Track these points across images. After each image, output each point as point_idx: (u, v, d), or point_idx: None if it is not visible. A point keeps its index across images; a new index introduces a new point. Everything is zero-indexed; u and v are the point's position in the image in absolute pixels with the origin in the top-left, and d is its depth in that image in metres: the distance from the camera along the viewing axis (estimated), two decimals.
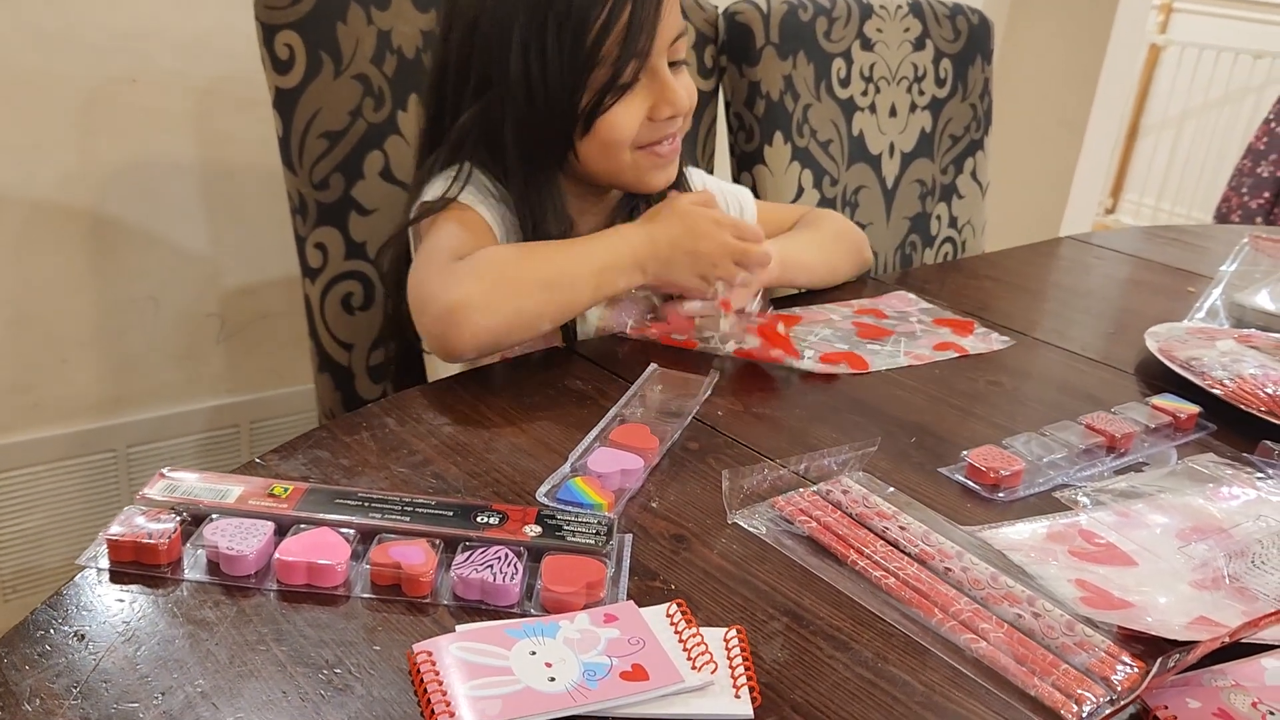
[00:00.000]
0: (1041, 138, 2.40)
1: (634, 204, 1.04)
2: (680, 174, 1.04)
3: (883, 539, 0.67)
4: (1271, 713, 0.53)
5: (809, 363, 0.93)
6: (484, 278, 0.84)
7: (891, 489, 0.73)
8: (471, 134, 0.95)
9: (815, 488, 0.72)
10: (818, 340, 1.01)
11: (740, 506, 0.70)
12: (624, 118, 0.92)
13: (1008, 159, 1.79)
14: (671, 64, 0.94)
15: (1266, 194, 3.67)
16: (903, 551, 0.65)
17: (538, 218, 0.95)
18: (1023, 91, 2.22)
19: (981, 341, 1.04)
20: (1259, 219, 3.70)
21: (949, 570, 0.63)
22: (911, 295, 1.14)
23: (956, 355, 1.00)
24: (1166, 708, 0.53)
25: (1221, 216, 3.80)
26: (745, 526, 0.67)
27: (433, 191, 0.95)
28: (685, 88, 0.96)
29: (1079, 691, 0.54)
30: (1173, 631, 0.58)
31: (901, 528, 0.68)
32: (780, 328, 0.96)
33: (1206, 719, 0.53)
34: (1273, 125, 3.61)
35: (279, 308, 1.53)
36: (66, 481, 1.42)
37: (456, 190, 0.94)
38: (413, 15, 1.11)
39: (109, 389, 1.43)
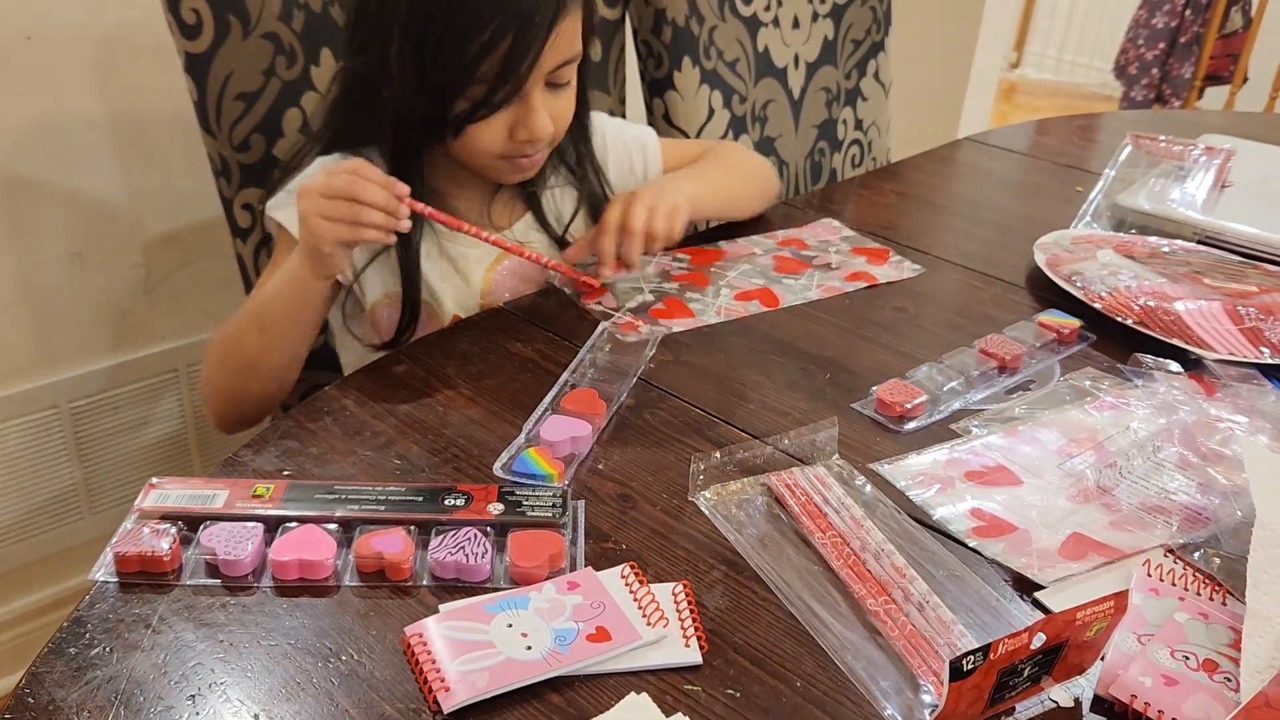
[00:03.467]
0: (942, 15, 2.44)
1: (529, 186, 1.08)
2: (580, 123, 1.07)
3: (833, 529, 0.72)
4: (1188, 657, 0.62)
5: (710, 315, 0.99)
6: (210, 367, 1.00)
7: (860, 479, 0.77)
8: (353, 88, 0.99)
9: (795, 472, 0.77)
10: (736, 276, 1.08)
11: (707, 485, 0.75)
12: (489, 132, 0.94)
13: (908, 55, 1.84)
14: (555, 85, 0.96)
15: (1162, 45, 3.78)
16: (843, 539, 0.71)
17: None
18: None
19: (894, 270, 1.12)
20: (1154, 70, 3.81)
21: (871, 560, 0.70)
22: (836, 224, 1.21)
23: (866, 285, 1.08)
24: (1136, 696, 0.59)
25: (1120, 69, 3.90)
26: (704, 509, 0.73)
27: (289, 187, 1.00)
28: (559, 112, 0.97)
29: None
30: (1049, 558, 0.69)
31: (854, 519, 0.73)
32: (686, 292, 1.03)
33: (1161, 688, 0.59)
34: None
35: (204, 252, 1.54)
36: (12, 442, 1.44)
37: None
38: None
39: (43, 348, 1.45)
